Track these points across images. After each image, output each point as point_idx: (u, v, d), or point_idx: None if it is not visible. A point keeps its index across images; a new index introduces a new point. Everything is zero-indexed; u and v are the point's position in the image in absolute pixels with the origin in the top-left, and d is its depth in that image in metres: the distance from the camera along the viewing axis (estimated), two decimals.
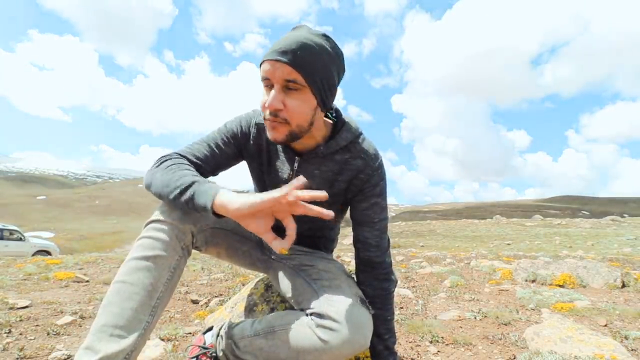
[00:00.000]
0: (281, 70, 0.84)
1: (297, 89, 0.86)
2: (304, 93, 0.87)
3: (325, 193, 0.76)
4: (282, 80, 0.85)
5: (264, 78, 0.87)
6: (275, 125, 0.89)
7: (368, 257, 1.07)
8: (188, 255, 0.97)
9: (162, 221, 0.91)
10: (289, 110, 0.87)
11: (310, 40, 0.85)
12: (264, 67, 0.87)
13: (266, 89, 0.89)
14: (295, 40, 0.83)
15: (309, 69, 0.85)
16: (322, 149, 0.99)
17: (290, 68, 0.84)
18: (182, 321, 1.80)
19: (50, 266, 3.18)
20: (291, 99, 0.87)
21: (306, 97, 0.88)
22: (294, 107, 0.87)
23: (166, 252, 0.89)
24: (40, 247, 12.47)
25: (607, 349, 1.22)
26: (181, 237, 0.92)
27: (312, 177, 1.02)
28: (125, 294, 0.83)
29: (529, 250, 9.18)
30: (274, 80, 0.86)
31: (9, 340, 1.33)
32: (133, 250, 0.89)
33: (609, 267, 2.78)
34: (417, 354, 1.36)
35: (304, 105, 0.89)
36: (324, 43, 0.87)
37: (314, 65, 0.86)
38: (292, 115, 0.88)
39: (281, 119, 0.88)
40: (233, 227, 1.10)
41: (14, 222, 34.06)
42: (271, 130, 0.91)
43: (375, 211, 1.05)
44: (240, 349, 1.01)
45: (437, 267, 3.40)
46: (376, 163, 1.02)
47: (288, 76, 0.84)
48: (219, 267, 3.17)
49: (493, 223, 21.77)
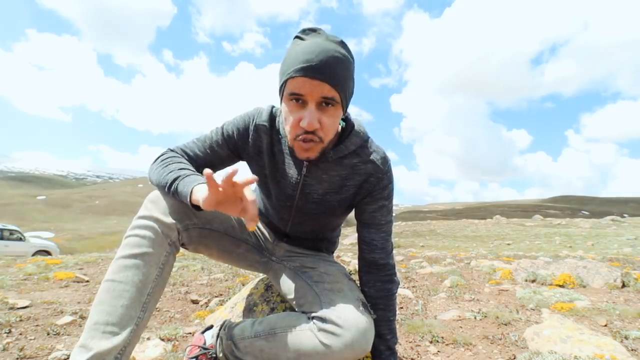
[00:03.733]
0: (319, 88, 0.82)
1: (333, 105, 0.85)
2: (337, 109, 0.87)
3: (254, 176, 0.75)
4: (319, 99, 0.83)
5: (295, 94, 0.84)
6: (310, 146, 0.87)
7: (373, 258, 1.06)
8: (177, 250, 0.97)
9: (147, 217, 0.92)
10: (324, 128, 0.86)
11: (339, 52, 0.83)
12: (295, 83, 0.83)
13: (294, 103, 0.85)
14: (326, 54, 0.81)
15: (344, 84, 0.84)
16: (331, 154, 0.97)
17: (329, 87, 0.82)
18: (182, 321, 1.80)
19: (50, 266, 3.18)
20: (327, 117, 0.85)
21: (338, 112, 0.88)
22: (329, 124, 0.86)
23: (153, 249, 0.89)
24: (40, 247, 12.47)
25: (607, 349, 1.21)
26: (167, 233, 0.92)
27: (320, 182, 1.01)
28: (115, 292, 0.84)
29: (529, 250, 9.18)
30: (310, 98, 0.83)
31: (9, 340, 1.33)
32: (121, 249, 0.90)
33: (609, 267, 2.78)
34: (417, 354, 1.36)
35: (337, 120, 0.88)
36: (346, 53, 0.85)
37: (346, 79, 0.85)
38: (327, 132, 0.87)
39: (317, 137, 0.86)
40: (225, 229, 1.08)
41: (13, 222, 34.06)
42: (305, 152, 0.89)
43: (382, 213, 1.04)
44: (240, 349, 1.00)
45: (437, 267, 3.40)
46: (385, 167, 1.02)
47: (327, 94, 0.83)
48: (219, 267, 3.17)
49: (493, 223, 21.77)
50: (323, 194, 1.03)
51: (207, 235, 1.04)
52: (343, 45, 0.85)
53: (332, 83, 0.82)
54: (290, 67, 0.83)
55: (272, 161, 1.04)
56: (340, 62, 0.82)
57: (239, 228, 1.13)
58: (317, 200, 1.04)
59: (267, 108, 1.05)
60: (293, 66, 0.82)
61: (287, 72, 0.84)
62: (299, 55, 0.82)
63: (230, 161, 1.09)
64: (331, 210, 1.07)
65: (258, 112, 1.04)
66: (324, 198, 1.03)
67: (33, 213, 70.78)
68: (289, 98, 0.86)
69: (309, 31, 0.86)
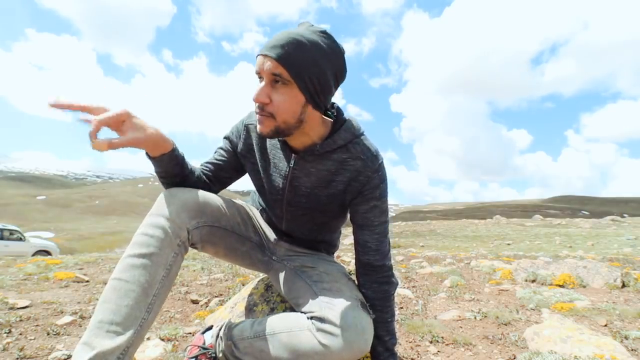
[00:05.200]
0: (268, 64, 0.85)
1: (284, 83, 0.87)
2: (290, 89, 0.88)
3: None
4: (269, 75, 0.86)
5: (256, 72, 0.89)
6: (262, 119, 0.91)
7: (368, 260, 1.06)
8: (185, 251, 0.97)
9: (159, 215, 0.92)
10: (274, 105, 0.88)
11: (302, 36, 0.85)
12: (256, 61, 0.88)
13: (257, 82, 0.91)
14: (286, 36, 0.85)
15: (296, 64, 0.85)
16: (318, 147, 0.98)
17: (276, 63, 0.84)
18: (182, 321, 1.80)
19: (50, 266, 3.18)
20: (277, 94, 0.88)
21: (293, 92, 0.88)
22: (279, 101, 0.88)
23: (161, 250, 0.89)
24: (40, 247, 12.48)
25: (607, 349, 1.21)
26: (177, 233, 0.92)
27: (308, 175, 1.02)
28: (121, 291, 0.84)
29: (529, 250, 9.18)
30: (263, 74, 0.87)
31: (9, 340, 1.33)
32: (129, 248, 0.90)
33: (609, 267, 2.78)
34: (417, 354, 1.36)
35: (290, 100, 0.89)
36: (318, 40, 0.86)
37: (301, 61, 0.85)
38: (278, 109, 0.89)
39: (267, 112, 0.89)
40: (232, 226, 1.10)
41: (13, 222, 34.04)
42: (259, 124, 0.92)
43: (375, 214, 1.03)
44: (240, 350, 1.00)
45: (437, 267, 3.40)
46: (376, 164, 1.01)
47: (274, 70, 0.85)
48: (219, 267, 3.17)
49: (493, 223, 21.78)
50: (311, 188, 1.04)
51: (216, 232, 1.05)
52: (322, 35, 0.87)
53: (279, 59, 0.84)
54: None
55: (263, 156, 1.08)
56: (298, 44, 0.84)
57: (244, 226, 1.15)
58: (306, 193, 1.05)
59: None
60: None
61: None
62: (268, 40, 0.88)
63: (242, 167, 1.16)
64: (321, 206, 1.07)
65: (248, 114, 1.11)
66: (313, 192, 1.04)
67: (33, 213, 70.79)
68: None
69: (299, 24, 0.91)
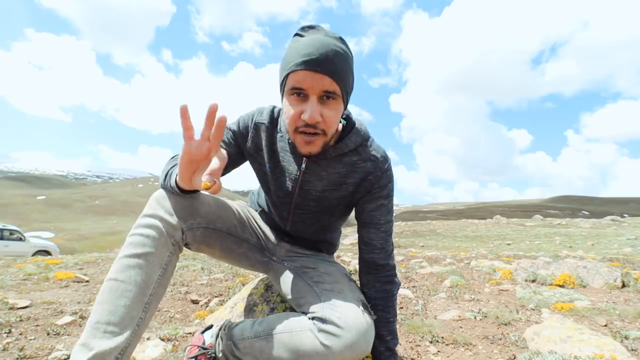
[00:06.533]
0: (321, 81, 0.82)
1: (334, 98, 0.86)
2: (338, 102, 0.87)
3: (216, 103, 0.75)
4: (320, 92, 0.84)
5: (296, 88, 0.85)
6: (312, 138, 0.88)
7: (372, 259, 1.06)
8: (180, 250, 0.97)
9: (152, 215, 0.92)
10: (326, 121, 0.87)
11: (338, 47, 0.84)
12: (296, 77, 0.84)
13: (295, 98, 0.86)
14: (327, 49, 0.82)
15: (345, 78, 0.85)
16: (330, 151, 0.98)
17: (330, 79, 0.83)
18: (182, 321, 1.80)
19: (50, 266, 3.18)
20: (328, 110, 0.86)
21: (339, 106, 0.88)
22: (330, 117, 0.87)
23: (156, 249, 0.89)
24: (40, 247, 12.47)
25: (607, 349, 1.21)
26: (171, 233, 0.92)
27: (319, 179, 1.02)
28: (117, 291, 0.84)
29: (529, 250, 9.18)
30: (311, 92, 0.84)
31: (9, 340, 1.33)
32: (124, 248, 0.90)
33: (609, 267, 2.78)
34: (417, 354, 1.36)
35: (338, 114, 0.89)
36: (346, 48, 0.86)
37: (346, 74, 0.86)
38: (329, 125, 0.88)
39: (319, 130, 0.87)
40: (228, 228, 1.09)
41: (13, 222, 34.04)
42: (306, 145, 0.89)
43: (381, 213, 1.04)
44: (240, 350, 1.00)
45: (437, 267, 3.40)
46: (385, 165, 1.02)
47: (328, 87, 0.83)
48: (219, 267, 3.16)
49: (493, 223, 21.77)
50: (322, 191, 1.03)
51: (211, 234, 1.04)
52: (342, 41, 0.86)
53: (332, 76, 0.83)
54: (291, 61, 0.84)
55: (272, 158, 1.06)
56: (340, 56, 0.83)
57: (240, 227, 1.14)
58: (316, 197, 1.05)
59: (269, 107, 1.07)
60: (294, 60, 0.83)
61: (288, 66, 0.85)
62: (300, 50, 0.83)
63: (240, 160, 1.12)
64: (330, 208, 1.08)
65: (258, 111, 1.07)
66: (323, 195, 1.04)
67: (33, 213, 70.78)
68: (290, 93, 0.87)
69: (308, 28, 0.87)
